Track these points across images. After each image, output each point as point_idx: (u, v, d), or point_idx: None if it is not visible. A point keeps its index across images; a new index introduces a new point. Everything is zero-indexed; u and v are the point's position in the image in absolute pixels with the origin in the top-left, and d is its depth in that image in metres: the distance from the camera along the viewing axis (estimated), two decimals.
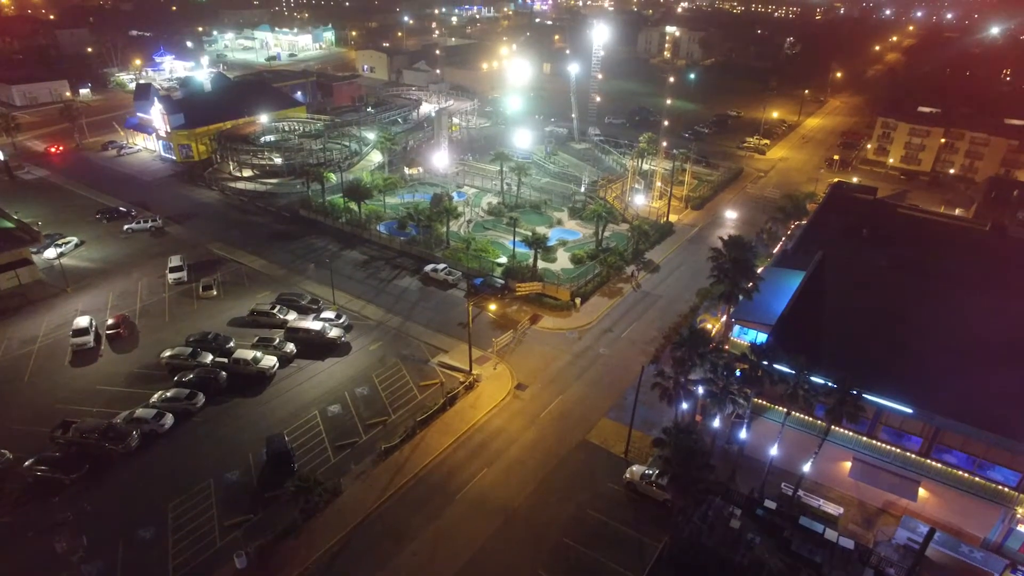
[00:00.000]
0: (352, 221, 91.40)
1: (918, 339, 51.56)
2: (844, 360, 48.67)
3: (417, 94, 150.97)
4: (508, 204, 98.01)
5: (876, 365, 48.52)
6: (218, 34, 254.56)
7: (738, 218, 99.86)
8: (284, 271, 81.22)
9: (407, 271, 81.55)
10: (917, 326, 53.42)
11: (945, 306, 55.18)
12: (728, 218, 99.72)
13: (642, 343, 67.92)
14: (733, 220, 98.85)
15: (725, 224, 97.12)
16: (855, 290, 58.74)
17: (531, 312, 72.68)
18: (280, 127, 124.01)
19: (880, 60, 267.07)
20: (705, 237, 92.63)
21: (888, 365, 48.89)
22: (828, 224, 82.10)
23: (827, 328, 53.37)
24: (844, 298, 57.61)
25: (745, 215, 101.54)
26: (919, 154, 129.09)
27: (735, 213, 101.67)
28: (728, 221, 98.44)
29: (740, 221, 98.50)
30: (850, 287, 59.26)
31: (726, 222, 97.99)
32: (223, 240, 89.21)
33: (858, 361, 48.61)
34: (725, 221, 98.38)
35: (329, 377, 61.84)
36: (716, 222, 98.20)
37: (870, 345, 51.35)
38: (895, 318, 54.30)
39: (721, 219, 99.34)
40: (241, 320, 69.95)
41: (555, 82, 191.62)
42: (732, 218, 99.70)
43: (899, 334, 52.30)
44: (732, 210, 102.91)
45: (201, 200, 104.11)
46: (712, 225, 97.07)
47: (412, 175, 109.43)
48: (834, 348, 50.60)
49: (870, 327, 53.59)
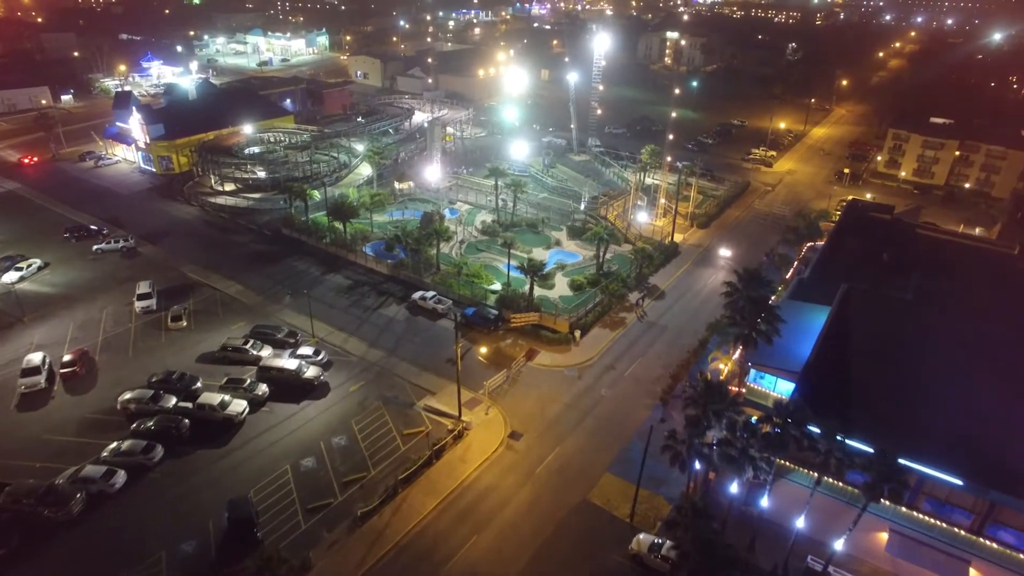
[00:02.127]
0: (336, 241, 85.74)
1: (964, 392, 45.88)
2: (881, 418, 43.16)
3: (410, 103, 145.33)
4: (503, 223, 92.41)
5: (917, 424, 42.97)
6: (209, 39, 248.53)
7: (746, 238, 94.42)
8: (261, 298, 75.47)
9: (394, 298, 75.87)
10: (960, 375, 47.77)
11: (988, 349, 49.60)
12: (734, 240, 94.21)
13: (647, 383, 62.29)
14: (740, 242, 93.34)
15: (732, 245, 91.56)
16: (885, 331, 53.11)
17: (527, 346, 67.03)
18: (265, 138, 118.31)
19: (883, 67, 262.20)
20: (712, 259, 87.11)
21: (931, 424, 43.29)
22: (845, 248, 76.86)
23: (858, 378, 47.72)
24: (874, 341, 51.98)
25: (754, 234, 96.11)
26: (932, 167, 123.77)
27: (734, 244, 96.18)
28: (734, 243, 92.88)
29: (749, 241, 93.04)
30: (879, 327, 53.61)
31: (733, 243, 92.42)
32: (198, 262, 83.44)
33: (896, 419, 43.13)
34: (732, 242, 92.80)
35: (304, 424, 56.11)
36: (724, 243, 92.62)
37: (908, 399, 45.69)
38: (934, 365, 48.69)
39: (728, 240, 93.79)
40: (211, 356, 64.20)
41: (553, 89, 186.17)
42: (739, 240, 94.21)
43: (940, 385, 46.69)
44: (738, 231, 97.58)
45: (179, 216, 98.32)
46: (719, 246, 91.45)
47: (402, 190, 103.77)
48: (868, 404, 45.05)
49: (906, 376, 47.94)
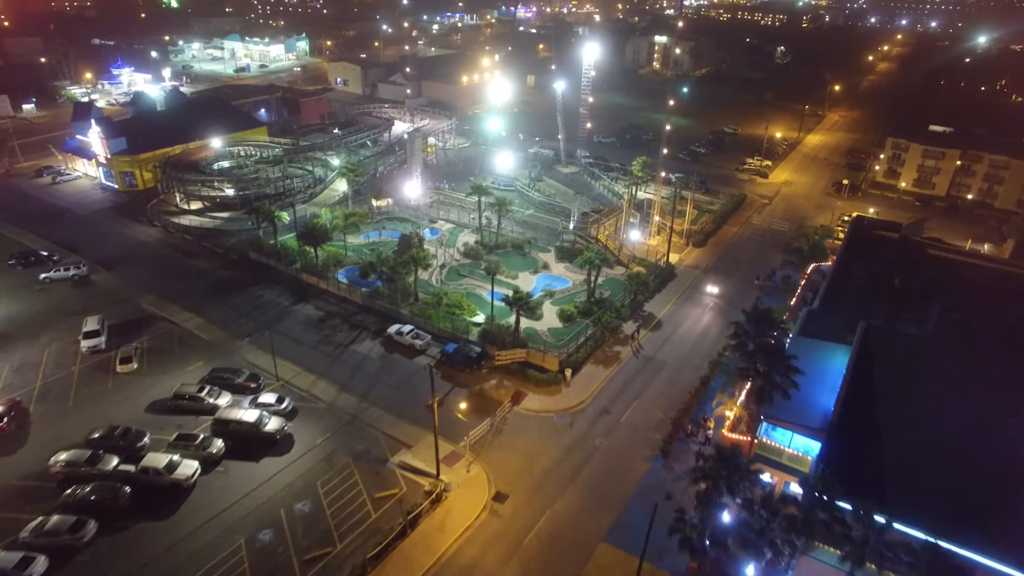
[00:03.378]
0: (307, 267, 79.36)
1: (1011, 458, 40.57)
2: (929, 495, 37.74)
3: (390, 112, 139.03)
4: (487, 244, 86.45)
5: (976, 501, 37.58)
6: (184, 44, 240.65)
7: (745, 257, 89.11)
8: (223, 333, 68.94)
9: (368, 332, 69.65)
10: (1001, 434, 42.52)
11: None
12: (732, 260, 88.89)
13: (646, 430, 56.57)
14: (739, 262, 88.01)
15: (730, 265, 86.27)
16: (921, 380, 47.72)
17: (513, 387, 61.09)
18: (235, 152, 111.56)
19: (872, 70, 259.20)
20: (710, 282, 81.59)
21: (980, 499, 37.88)
22: (853, 272, 71.76)
23: (897, 442, 42.14)
24: (910, 393, 46.56)
25: (753, 252, 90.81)
26: (933, 178, 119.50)
27: (732, 264, 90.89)
28: (733, 263, 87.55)
29: (749, 261, 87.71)
30: (914, 376, 48.20)
31: (731, 263, 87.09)
32: (157, 291, 76.74)
33: (940, 494, 37.71)
34: (730, 262, 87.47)
35: (263, 487, 49.81)
36: (722, 264, 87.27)
37: (951, 467, 40.29)
38: (976, 422, 43.37)
39: (727, 259, 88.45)
40: (163, 404, 57.67)
41: (540, 96, 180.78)
42: (737, 259, 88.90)
43: (984, 449, 41.36)
44: (737, 250, 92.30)
45: (139, 239, 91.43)
46: (718, 268, 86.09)
47: (380, 208, 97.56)
48: (912, 475, 39.52)
49: (955, 438, 42.47)
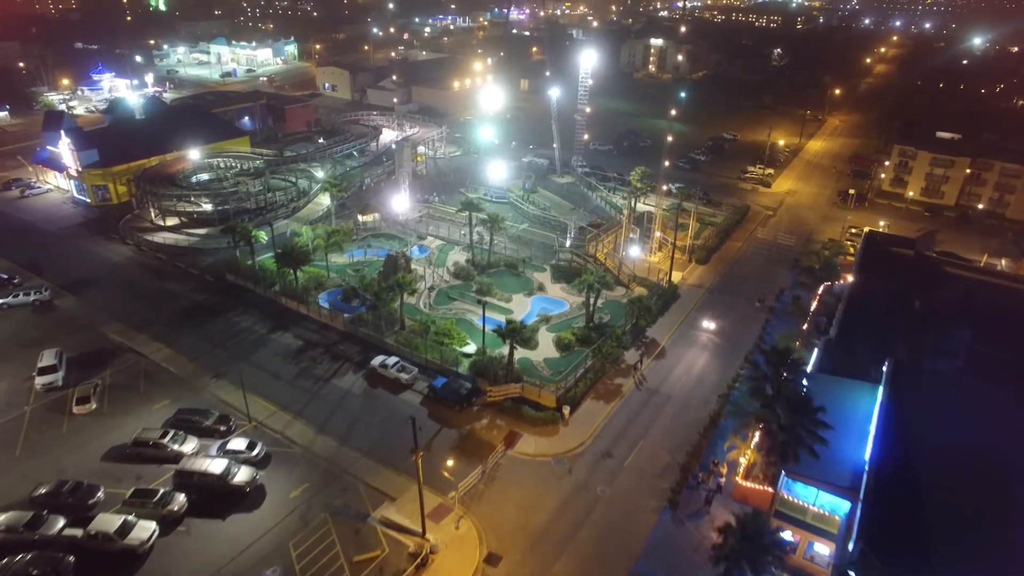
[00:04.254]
0: (286, 290, 74.29)
1: None
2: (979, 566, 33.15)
3: (378, 119, 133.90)
4: (479, 263, 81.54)
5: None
6: (169, 48, 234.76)
7: (752, 274, 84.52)
8: (193, 367, 63.75)
9: (351, 364, 64.59)
10: None
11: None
12: (738, 278, 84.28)
13: (652, 475, 51.77)
14: (745, 280, 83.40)
15: (736, 284, 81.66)
16: (954, 426, 43.14)
17: (507, 427, 56.20)
18: (215, 164, 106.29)
19: (870, 72, 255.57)
20: (716, 303, 76.92)
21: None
22: (870, 294, 67.31)
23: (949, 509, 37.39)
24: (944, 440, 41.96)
25: (759, 269, 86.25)
26: (942, 186, 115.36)
27: (738, 283, 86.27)
28: (739, 282, 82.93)
29: (755, 279, 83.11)
30: (945, 419, 43.67)
31: (737, 281, 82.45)
32: (125, 319, 71.47)
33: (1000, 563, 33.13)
34: (737, 280, 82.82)
35: (229, 549, 44.73)
36: (727, 282, 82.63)
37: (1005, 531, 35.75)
38: None
39: (732, 277, 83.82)
40: (122, 452, 52.51)
41: (534, 101, 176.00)
42: (743, 277, 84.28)
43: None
44: (742, 266, 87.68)
45: (110, 259, 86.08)
46: (724, 287, 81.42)
47: (366, 223, 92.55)
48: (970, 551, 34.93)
49: (995, 498, 37.93)
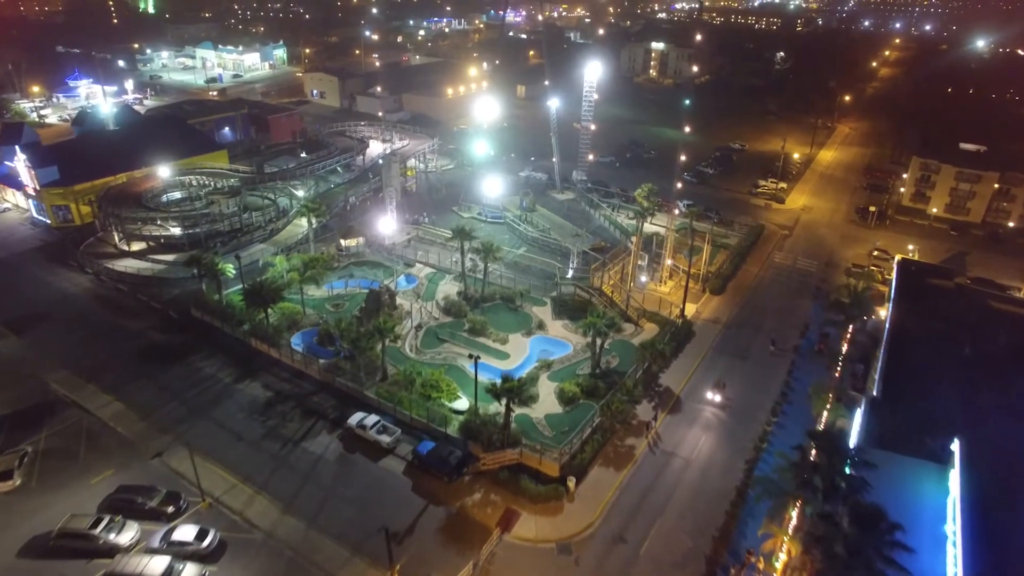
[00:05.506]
0: (257, 330, 66.36)
1: None
2: None
3: (366, 130, 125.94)
4: (471, 296, 73.75)
5: None
6: (153, 53, 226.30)
7: (773, 306, 76.84)
8: (145, 425, 55.80)
9: (325, 421, 56.70)
10: None
11: None
12: (757, 312, 76.59)
13: (672, 567, 44.01)
14: (765, 314, 75.74)
15: (758, 320, 73.99)
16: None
17: (503, 503, 48.41)
18: (187, 181, 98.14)
19: (875, 76, 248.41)
20: (735, 342, 69.19)
21: None
22: (911, 338, 59.87)
23: None
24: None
25: (780, 299, 78.48)
26: (968, 202, 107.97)
27: (758, 317, 78.60)
28: (759, 316, 75.26)
29: (776, 311, 75.44)
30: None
31: (757, 316, 74.75)
32: (72, 364, 63.41)
33: None
34: (756, 314, 75.09)
35: None
36: (746, 316, 74.91)
37: None
38: None
39: (751, 311, 76.09)
40: (45, 544, 44.52)
41: (531, 108, 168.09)
42: (763, 311, 76.62)
43: None
44: (761, 296, 79.95)
45: (64, 290, 78.02)
46: (742, 321, 73.62)
47: (349, 248, 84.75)
48: None
49: None
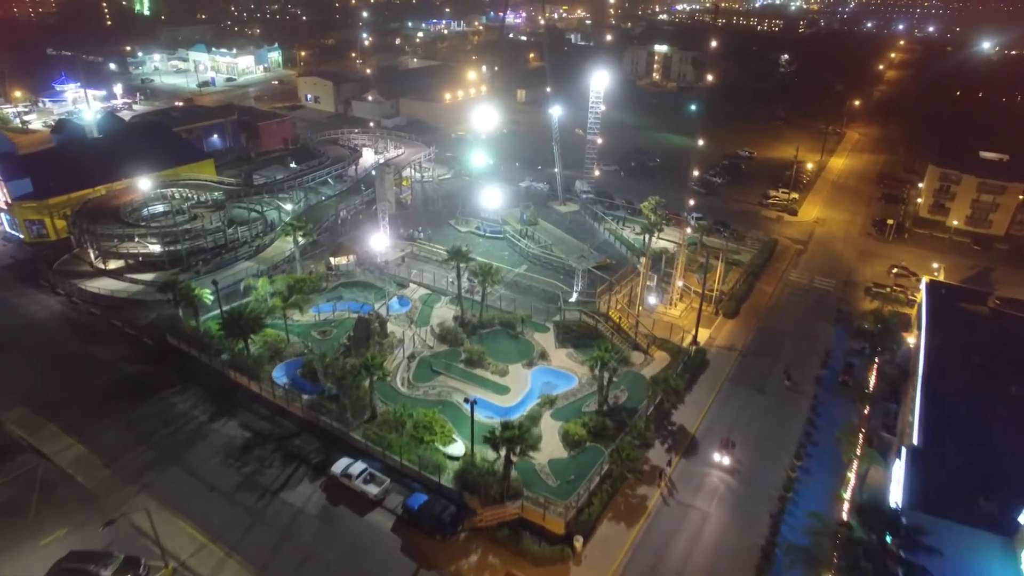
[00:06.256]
0: (236, 361, 61.21)
1: None
2: None
3: (358, 139, 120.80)
4: (468, 321, 68.62)
5: None
6: (144, 55, 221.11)
7: (791, 331, 71.70)
8: (108, 474, 50.63)
9: (307, 467, 51.57)
10: None
11: None
12: (775, 338, 71.45)
13: None
14: (784, 340, 70.63)
15: (775, 346, 68.83)
16: None
17: (503, 568, 43.24)
18: (169, 194, 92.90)
19: (882, 79, 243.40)
20: (753, 373, 64.00)
21: None
22: (949, 375, 54.73)
23: None
24: None
25: (798, 323, 73.34)
26: (990, 214, 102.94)
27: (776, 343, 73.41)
28: (777, 342, 70.13)
29: (795, 336, 70.36)
30: None
31: (775, 345, 69.55)
32: (33, 400, 58.23)
33: None
34: (774, 343, 69.85)
35: None
36: (763, 342, 69.77)
37: None
38: None
39: (768, 335, 70.92)
40: None
41: (532, 113, 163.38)
42: (781, 336, 71.50)
43: None
44: (777, 318, 74.78)
45: (32, 314, 72.82)
46: (759, 348, 68.48)
47: (339, 267, 79.70)
48: None
49: None
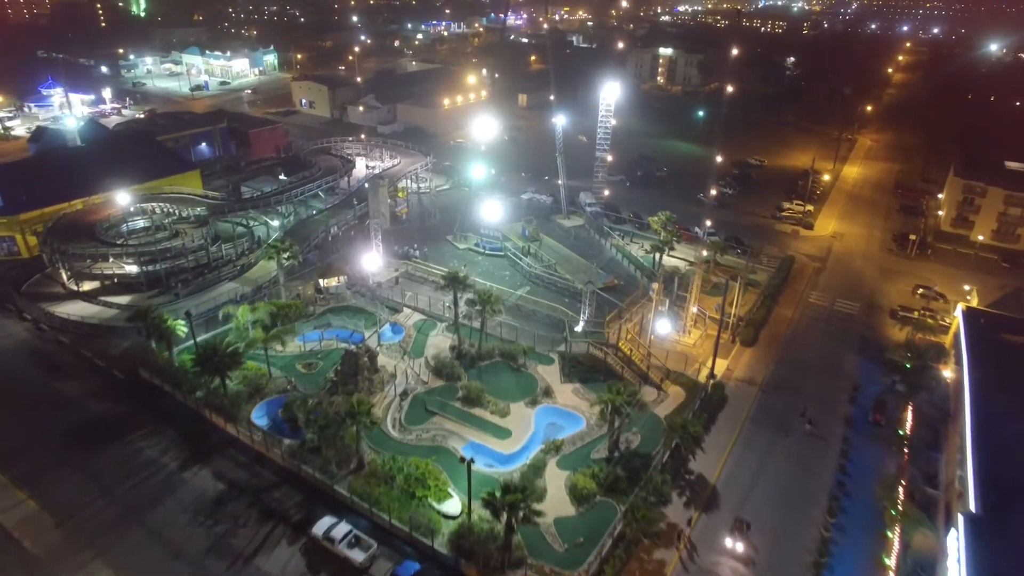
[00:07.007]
0: (212, 399, 55.93)
1: None
2: None
3: (352, 148, 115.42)
4: (466, 353, 63.24)
5: None
6: (136, 58, 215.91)
7: (815, 361, 66.27)
8: (60, 536, 45.31)
9: (286, 526, 46.21)
10: None
11: None
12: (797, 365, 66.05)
13: None
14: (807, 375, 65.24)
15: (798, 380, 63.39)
16: None
17: None
18: (150, 209, 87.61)
19: (890, 82, 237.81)
20: (775, 411, 58.56)
21: None
22: (1003, 420, 49.38)
23: None
24: None
25: (821, 352, 67.84)
26: (1018, 229, 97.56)
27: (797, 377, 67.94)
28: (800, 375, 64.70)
29: (819, 368, 64.93)
30: None
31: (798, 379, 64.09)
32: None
33: None
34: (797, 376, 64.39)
35: None
36: (784, 374, 64.32)
37: None
38: None
39: (790, 366, 65.49)
40: None
41: (533, 119, 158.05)
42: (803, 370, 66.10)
43: None
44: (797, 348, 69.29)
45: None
46: (781, 381, 62.95)
47: (328, 289, 74.44)
48: None
49: None
